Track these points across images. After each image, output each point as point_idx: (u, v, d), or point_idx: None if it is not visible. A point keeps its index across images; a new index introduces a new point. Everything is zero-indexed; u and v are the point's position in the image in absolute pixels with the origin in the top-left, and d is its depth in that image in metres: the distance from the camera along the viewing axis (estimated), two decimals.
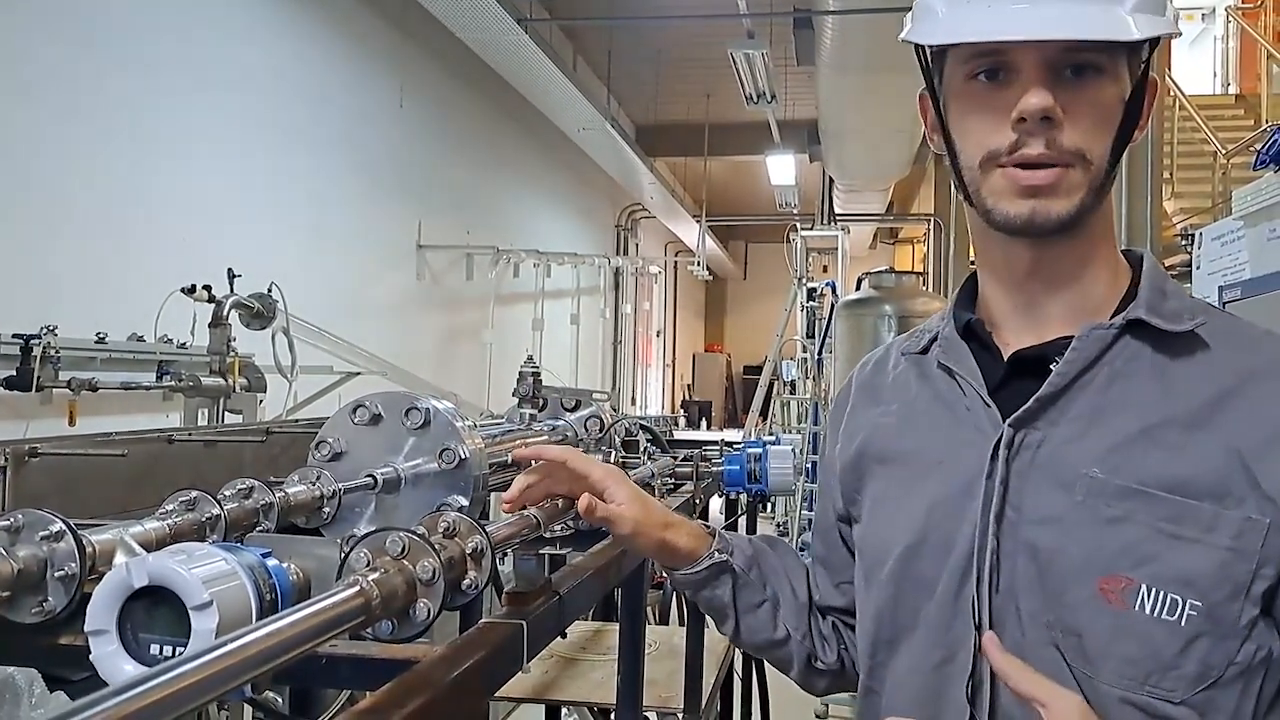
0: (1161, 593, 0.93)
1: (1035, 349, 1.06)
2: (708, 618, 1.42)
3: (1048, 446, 1.01)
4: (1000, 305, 1.10)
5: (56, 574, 0.99)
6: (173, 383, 4.09)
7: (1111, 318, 1.03)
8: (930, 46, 1.06)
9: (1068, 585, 0.97)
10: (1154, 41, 1.01)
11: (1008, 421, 1.02)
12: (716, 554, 1.22)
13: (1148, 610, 0.93)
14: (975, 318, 1.12)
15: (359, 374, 6.65)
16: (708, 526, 1.27)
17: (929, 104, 1.10)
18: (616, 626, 2.65)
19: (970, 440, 1.05)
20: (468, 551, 0.99)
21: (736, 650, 3.43)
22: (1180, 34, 1.02)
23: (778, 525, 10.69)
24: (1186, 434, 0.96)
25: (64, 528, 1.00)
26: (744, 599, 1.25)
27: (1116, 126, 1.01)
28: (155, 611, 0.86)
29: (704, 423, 20.26)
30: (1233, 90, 11.35)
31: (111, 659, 0.85)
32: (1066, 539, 0.97)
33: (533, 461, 1.27)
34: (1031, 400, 1.01)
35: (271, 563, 0.96)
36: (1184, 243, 5.94)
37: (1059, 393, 1.01)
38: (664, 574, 1.30)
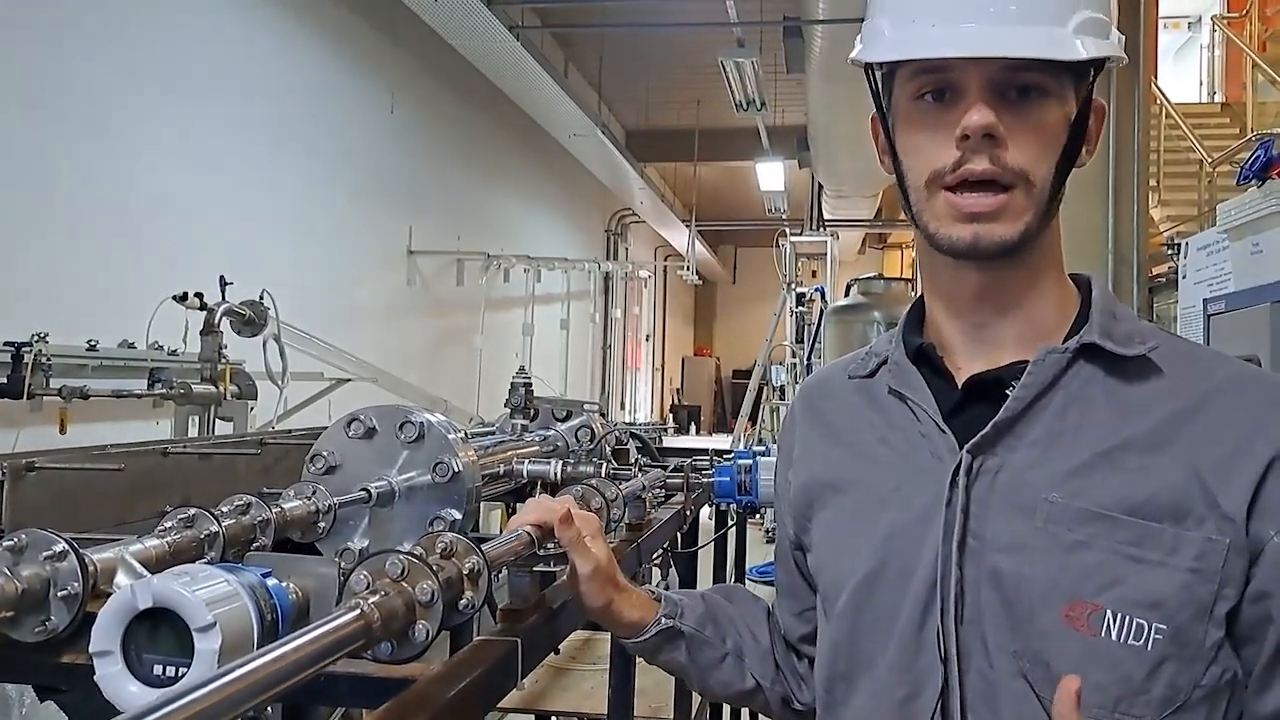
0: (1127, 617, 0.93)
1: (991, 373, 1.04)
2: None
3: (1006, 472, 0.99)
4: (949, 330, 1.09)
5: (59, 593, 1.01)
6: (164, 390, 4.09)
7: (1064, 341, 1.03)
8: (879, 69, 1.07)
9: (1034, 613, 0.96)
10: (1099, 66, 1.01)
11: (965, 447, 1.00)
12: (664, 620, 1.21)
13: (1114, 636, 0.93)
14: (927, 342, 1.10)
15: (349, 380, 6.66)
16: (654, 592, 1.25)
17: (879, 127, 1.10)
18: (607, 635, 2.67)
19: (926, 467, 1.03)
20: (465, 572, 1.00)
21: None
22: (1126, 59, 1.01)
23: (766, 531, 10.71)
24: (1144, 456, 0.96)
25: (67, 548, 1.02)
26: (702, 657, 1.24)
27: (1060, 149, 1.00)
28: (158, 632, 0.88)
29: (693, 427, 20.30)
30: (1219, 99, 11.42)
31: (116, 679, 0.87)
32: (1030, 565, 0.96)
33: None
34: (989, 426, 1.00)
35: (271, 582, 0.98)
36: (1170, 251, 5.99)
37: (1016, 417, 1.00)
38: (654, 585, 1.31)
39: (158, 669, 0.87)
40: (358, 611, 0.84)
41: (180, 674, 0.86)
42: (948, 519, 0.99)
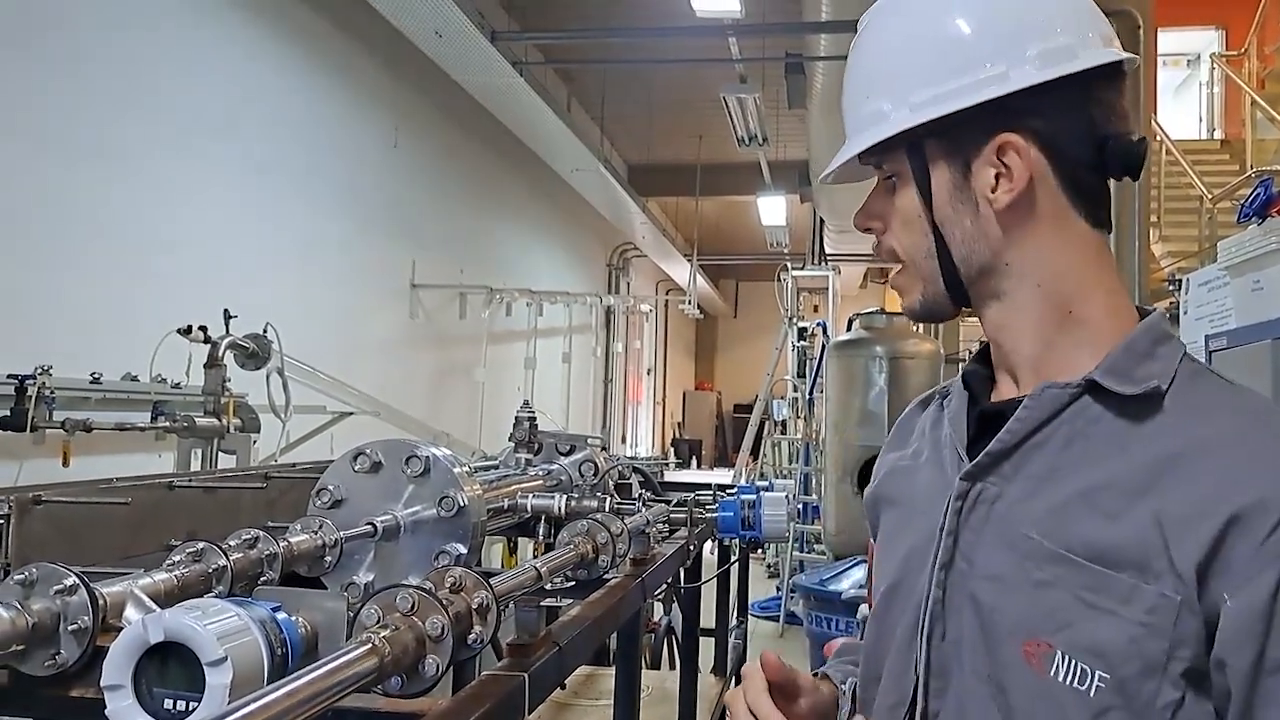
0: (1074, 661, 0.93)
1: (996, 405, 1.08)
2: (699, 660, 1.41)
3: (1002, 503, 1.02)
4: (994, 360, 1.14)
5: (69, 627, 1.01)
6: (167, 423, 4.10)
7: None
8: None
9: (1001, 643, 0.98)
10: (950, 121, 1.01)
11: (960, 474, 1.04)
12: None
13: (1061, 677, 0.93)
14: (972, 368, 1.15)
15: (352, 414, 6.66)
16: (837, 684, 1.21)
17: None
18: (610, 670, 2.66)
19: (944, 490, 1.06)
20: (474, 606, 1.01)
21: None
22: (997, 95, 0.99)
23: (768, 566, 10.66)
24: (1125, 500, 0.94)
25: (77, 582, 1.02)
26: None
27: (927, 223, 1.05)
28: (169, 666, 0.88)
29: (694, 461, 20.26)
30: (1218, 135, 11.49)
31: (127, 713, 0.87)
32: (1004, 598, 0.99)
33: None
34: (982, 454, 1.03)
35: (281, 616, 0.98)
36: (1171, 287, 6.00)
37: (1010, 449, 1.02)
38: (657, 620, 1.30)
39: (169, 703, 0.87)
40: (369, 646, 0.84)
41: (191, 708, 0.87)
42: (940, 542, 1.04)
